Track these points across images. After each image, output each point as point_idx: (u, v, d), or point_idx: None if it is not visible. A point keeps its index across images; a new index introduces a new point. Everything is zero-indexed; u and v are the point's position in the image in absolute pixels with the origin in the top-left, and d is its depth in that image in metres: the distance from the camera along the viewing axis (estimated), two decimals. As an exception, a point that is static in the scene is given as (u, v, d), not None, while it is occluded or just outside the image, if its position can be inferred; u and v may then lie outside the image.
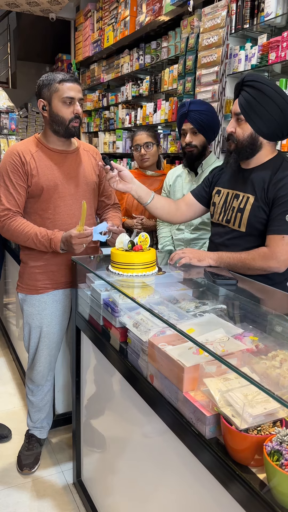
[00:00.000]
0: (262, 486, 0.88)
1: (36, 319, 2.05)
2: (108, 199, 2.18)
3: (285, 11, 2.38)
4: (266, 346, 1.17)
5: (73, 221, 1.97)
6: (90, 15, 4.97)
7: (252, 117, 1.63)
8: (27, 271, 2.03)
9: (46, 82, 1.86)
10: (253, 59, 2.55)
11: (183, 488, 1.15)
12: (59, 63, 6.63)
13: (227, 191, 1.82)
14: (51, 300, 2.05)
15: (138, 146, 2.65)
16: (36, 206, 1.94)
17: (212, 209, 1.88)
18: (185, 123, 2.22)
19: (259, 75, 1.73)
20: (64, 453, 2.30)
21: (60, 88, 1.83)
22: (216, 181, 1.90)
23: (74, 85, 1.85)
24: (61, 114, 1.86)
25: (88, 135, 5.52)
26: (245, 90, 1.63)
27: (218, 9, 2.66)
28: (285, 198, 1.61)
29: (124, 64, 4.20)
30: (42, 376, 2.14)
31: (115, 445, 1.61)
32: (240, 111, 1.64)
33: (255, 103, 1.61)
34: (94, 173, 2.07)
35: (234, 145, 1.70)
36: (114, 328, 1.52)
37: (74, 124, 1.89)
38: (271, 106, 1.60)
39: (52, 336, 2.09)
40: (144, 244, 1.64)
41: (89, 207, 2.05)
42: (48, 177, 1.91)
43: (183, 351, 1.17)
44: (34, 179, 1.89)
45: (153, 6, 3.54)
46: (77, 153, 2.03)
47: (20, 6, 4.98)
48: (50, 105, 1.87)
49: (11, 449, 2.31)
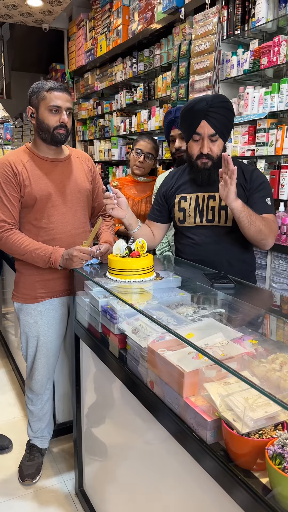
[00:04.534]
0: (265, 491, 0.87)
1: (32, 328, 2.04)
2: (100, 205, 2.17)
3: (275, 16, 2.41)
4: (266, 349, 1.16)
5: (67, 229, 1.97)
6: (83, 24, 5.01)
7: (224, 133, 1.78)
8: (22, 280, 2.03)
9: (36, 90, 1.86)
10: (245, 64, 2.57)
11: (186, 495, 1.14)
12: (53, 72, 6.66)
13: (195, 195, 1.87)
14: (47, 308, 2.04)
15: (140, 151, 2.64)
16: (29, 216, 1.94)
17: (180, 214, 1.90)
18: (173, 129, 2.26)
19: (220, 95, 1.91)
20: (66, 462, 2.28)
21: (47, 96, 1.84)
22: (175, 191, 1.94)
23: (62, 94, 1.85)
24: (46, 121, 1.86)
25: (84, 143, 5.54)
26: (214, 112, 1.71)
27: (209, 16, 2.69)
28: (261, 186, 1.80)
29: (118, 72, 4.23)
30: (41, 385, 2.13)
31: (117, 453, 1.60)
32: (215, 131, 1.73)
33: (226, 120, 1.75)
34: (86, 180, 2.06)
35: (211, 162, 1.77)
36: (113, 335, 1.51)
37: (60, 131, 1.88)
38: (232, 119, 1.81)
39: (50, 344, 2.08)
40: (141, 250, 1.64)
41: (82, 216, 2.05)
42: (41, 186, 1.91)
43: (182, 356, 1.16)
44: (27, 189, 1.88)
45: (145, 15, 3.57)
46: (69, 160, 2.02)
47: (13, 17, 5.01)
48: (38, 113, 1.88)
49: (12, 460, 2.29)
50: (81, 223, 2.04)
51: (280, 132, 2.39)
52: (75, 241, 1.98)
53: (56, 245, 1.91)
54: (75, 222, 2.01)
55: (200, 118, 1.71)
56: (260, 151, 2.51)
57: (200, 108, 1.70)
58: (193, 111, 1.72)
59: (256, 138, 2.53)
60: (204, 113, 1.70)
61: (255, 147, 2.54)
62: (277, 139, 2.41)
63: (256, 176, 1.82)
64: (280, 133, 2.39)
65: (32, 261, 1.89)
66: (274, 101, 2.39)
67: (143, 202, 2.71)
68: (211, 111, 1.70)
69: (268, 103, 2.43)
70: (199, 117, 1.71)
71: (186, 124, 1.79)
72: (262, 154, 2.50)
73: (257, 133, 2.52)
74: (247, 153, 2.60)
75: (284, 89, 2.33)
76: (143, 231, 1.94)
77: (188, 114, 1.75)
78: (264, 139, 2.48)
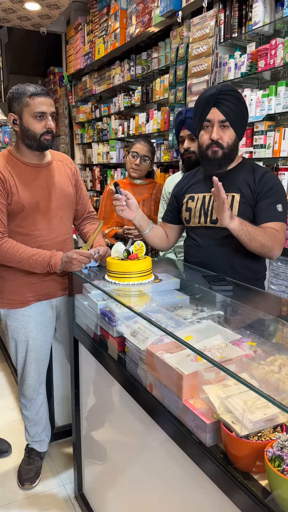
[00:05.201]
0: (265, 493, 0.87)
1: (21, 334, 2.01)
2: (83, 207, 2.15)
3: (272, 19, 2.42)
4: (265, 351, 1.16)
5: (54, 236, 1.95)
6: (81, 28, 5.02)
7: (236, 123, 1.74)
8: (6, 285, 1.98)
9: (16, 96, 1.80)
10: (243, 67, 2.58)
11: (185, 497, 1.13)
12: (51, 76, 6.68)
13: (202, 195, 1.86)
14: (35, 312, 2.01)
15: (136, 154, 2.65)
16: (14, 224, 1.89)
17: (187, 214, 1.90)
18: (183, 130, 2.27)
19: (231, 85, 1.85)
20: (65, 466, 2.27)
21: (31, 102, 1.78)
22: (185, 191, 1.94)
23: (46, 99, 1.81)
24: (32, 128, 1.81)
25: (82, 146, 5.54)
26: (225, 99, 1.70)
27: (206, 19, 2.70)
28: (271, 191, 1.73)
29: (116, 75, 4.24)
30: (33, 390, 2.11)
31: (116, 456, 1.59)
32: (226, 118, 1.71)
33: (237, 110, 1.72)
34: (70, 184, 2.04)
35: (222, 151, 1.74)
36: (112, 338, 1.51)
37: (46, 137, 1.84)
38: (245, 113, 1.76)
39: (39, 348, 2.06)
40: (139, 253, 1.64)
41: (68, 221, 2.03)
42: (28, 194, 1.87)
43: (181, 359, 1.16)
44: (15, 197, 1.84)
45: (143, 18, 3.59)
46: (52, 165, 1.99)
47: (11, 21, 5.02)
48: (21, 120, 1.82)
49: (12, 463, 2.28)
50: (67, 228, 2.03)
51: (277, 135, 2.40)
52: (62, 247, 1.96)
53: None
54: (61, 228, 1.99)
55: (210, 105, 1.70)
56: (258, 154, 2.51)
57: (210, 93, 1.70)
58: (204, 98, 1.72)
59: (254, 141, 2.54)
60: (214, 99, 1.69)
61: (252, 150, 2.55)
62: (274, 142, 2.42)
63: (268, 179, 1.75)
64: (277, 135, 2.40)
65: (30, 267, 1.87)
66: (272, 103, 2.40)
67: (140, 205, 2.71)
68: (221, 98, 1.69)
69: (265, 105, 2.43)
70: (209, 103, 1.70)
71: (198, 113, 1.77)
72: (260, 156, 2.51)
73: (255, 135, 2.52)
74: (245, 156, 2.60)
75: (282, 92, 2.34)
76: (155, 232, 1.93)
77: (200, 103, 1.74)
78: (261, 141, 2.49)
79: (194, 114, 1.83)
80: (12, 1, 4.34)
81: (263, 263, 1.88)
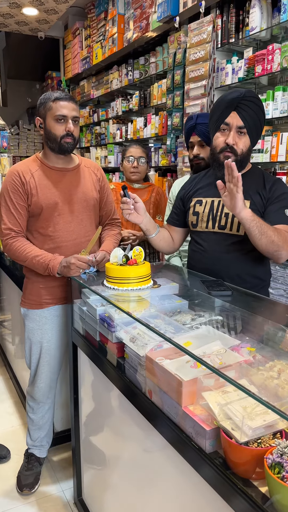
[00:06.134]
0: (265, 500, 0.87)
1: (37, 334, 2.06)
2: (107, 214, 2.18)
3: (269, 25, 2.44)
4: (264, 356, 1.17)
5: (72, 238, 1.99)
6: (78, 33, 5.04)
7: (253, 131, 1.70)
8: (29, 286, 2.06)
9: (43, 101, 1.91)
10: (240, 72, 2.59)
11: (185, 504, 1.13)
12: (49, 80, 6.69)
13: (211, 199, 1.82)
14: (52, 315, 2.06)
15: (131, 158, 2.66)
16: (37, 224, 1.97)
17: (194, 218, 1.87)
18: (193, 136, 2.22)
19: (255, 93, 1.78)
20: (64, 471, 2.27)
21: (53, 106, 1.87)
22: (192, 194, 1.91)
23: (68, 104, 1.88)
24: (53, 131, 1.90)
25: (80, 150, 5.56)
26: (246, 105, 1.66)
27: (204, 25, 2.71)
28: (281, 197, 1.71)
29: (114, 80, 4.26)
30: (43, 394, 2.13)
31: (115, 462, 1.59)
32: (244, 124, 1.67)
33: (256, 118, 1.68)
34: (94, 189, 2.07)
35: (234, 158, 1.69)
36: (111, 343, 1.51)
37: (67, 140, 1.91)
38: (263, 121, 1.72)
39: (53, 351, 2.09)
40: (138, 258, 1.65)
41: (88, 224, 2.06)
42: (47, 195, 1.93)
43: (180, 365, 1.16)
44: (34, 198, 1.92)
45: (140, 23, 3.60)
46: (78, 170, 2.04)
47: (9, 26, 5.04)
48: (45, 123, 1.91)
49: (10, 469, 2.28)
50: (87, 231, 2.05)
51: (275, 139, 2.41)
52: (81, 249, 1.99)
53: (61, 253, 1.94)
54: (80, 230, 2.02)
55: (231, 108, 1.66)
56: (255, 158, 2.52)
57: (233, 97, 1.65)
58: (226, 101, 1.67)
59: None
60: (236, 103, 1.65)
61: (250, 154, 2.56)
62: (272, 146, 2.43)
63: (278, 186, 1.74)
64: (275, 140, 2.41)
65: (33, 267, 1.92)
66: (269, 108, 2.41)
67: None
68: (243, 103, 1.64)
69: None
70: (230, 107, 1.66)
71: (216, 115, 1.71)
72: (257, 161, 2.52)
73: (253, 140, 2.54)
74: (243, 160, 2.61)
75: (279, 97, 2.35)
76: (161, 236, 1.92)
77: (220, 105, 1.69)
78: (259, 146, 2.50)
79: (211, 115, 1.78)
80: (10, 6, 4.36)
81: (268, 270, 1.86)
